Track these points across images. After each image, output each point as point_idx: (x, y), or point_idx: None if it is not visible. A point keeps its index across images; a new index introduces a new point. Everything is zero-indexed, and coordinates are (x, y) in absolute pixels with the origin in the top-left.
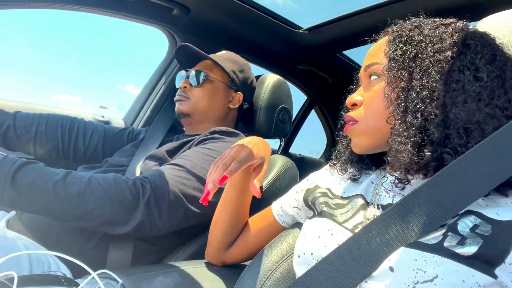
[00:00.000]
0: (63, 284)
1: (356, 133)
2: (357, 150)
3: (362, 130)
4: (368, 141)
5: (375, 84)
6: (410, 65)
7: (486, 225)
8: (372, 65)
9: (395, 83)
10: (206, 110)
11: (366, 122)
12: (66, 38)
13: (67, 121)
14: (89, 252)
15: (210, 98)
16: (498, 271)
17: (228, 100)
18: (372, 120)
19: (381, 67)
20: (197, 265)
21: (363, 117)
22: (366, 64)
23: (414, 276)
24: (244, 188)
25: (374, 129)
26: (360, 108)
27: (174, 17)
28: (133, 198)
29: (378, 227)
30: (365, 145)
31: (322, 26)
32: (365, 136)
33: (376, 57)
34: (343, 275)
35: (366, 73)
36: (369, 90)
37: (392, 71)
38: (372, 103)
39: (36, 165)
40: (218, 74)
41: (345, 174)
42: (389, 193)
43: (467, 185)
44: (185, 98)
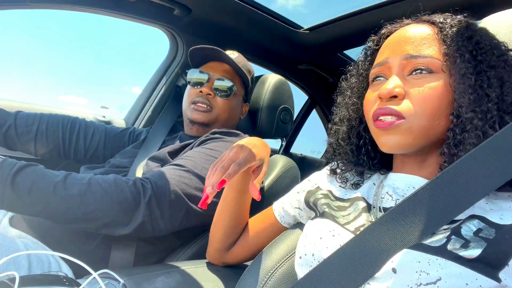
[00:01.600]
0: (65, 284)
1: (401, 131)
2: (390, 149)
3: (409, 128)
4: (411, 141)
5: (428, 80)
6: (487, 72)
7: (490, 229)
8: (421, 57)
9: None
10: (224, 122)
11: (417, 120)
12: (74, 40)
13: (68, 121)
14: (92, 252)
15: (232, 111)
16: (502, 274)
17: (241, 112)
18: (424, 120)
19: (438, 64)
20: (198, 265)
21: (413, 113)
22: (408, 53)
23: (417, 278)
24: (243, 189)
25: (424, 129)
26: (406, 103)
27: (175, 17)
28: (134, 198)
29: (381, 229)
30: (405, 145)
31: (323, 25)
32: (410, 136)
33: (424, 48)
34: (346, 277)
35: (407, 63)
36: (417, 84)
37: (471, 76)
38: (427, 101)
39: (36, 167)
40: (239, 85)
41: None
42: (392, 196)
43: (469, 186)
44: (208, 107)
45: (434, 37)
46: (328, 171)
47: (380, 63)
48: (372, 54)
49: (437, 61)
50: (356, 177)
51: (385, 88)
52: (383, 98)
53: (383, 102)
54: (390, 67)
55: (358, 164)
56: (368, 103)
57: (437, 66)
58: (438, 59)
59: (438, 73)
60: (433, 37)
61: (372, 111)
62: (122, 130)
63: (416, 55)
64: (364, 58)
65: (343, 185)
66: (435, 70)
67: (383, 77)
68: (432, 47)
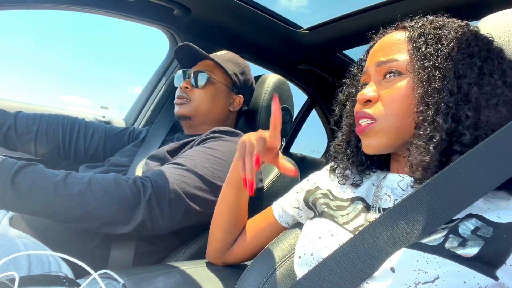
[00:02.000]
0: (65, 284)
1: (374, 132)
2: (371, 151)
3: (381, 129)
4: (386, 141)
5: (395, 82)
6: (444, 65)
7: (488, 227)
8: (390, 61)
9: (426, 83)
10: (207, 113)
11: (386, 121)
12: (78, 41)
13: (68, 121)
14: (91, 252)
15: (212, 100)
16: (499, 272)
17: (229, 103)
18: (394, 119)
19: (404, 65)
20: (198, 265)
21: (383, 115)
22: (379, 60)
23: (416, 276)
24: (241, 186)
25: (395, 128)
26: (378, 106)
27: (175, 17)
28: (134, 197)
29: (379, 228)
30: (382, 146)
31: (322, 25)
32: (384, 136)
33: (393, 53)
34: (344, 276)
35: (380, 69)
36: (387, 87)
37: (425, 70)
38: (394, 102)
39: (36, 167)
40: (220, 75)
41: (346, 181)
42: (390, 196)
43: (467, 186)
44: (186, 100)
45: (404, 41)
46: (328, 170)
47: (363, 72)
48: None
49: (404, 63)
50: (356, 176)
51: (361, 93)
52: (360, 103)
53: (360, 107)
54: (369, 75)
55: (358, 162)
56: (356, 107)
57: (403, 67)
58: (405, 61)
59: (405, 74)
60: (403, 41)
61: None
62: (121, 129)
63: (385, 60)
64: (357, 67)
65: (343, 182)
66: (403, 71)
67: (367, 84)
68: (401, 50)
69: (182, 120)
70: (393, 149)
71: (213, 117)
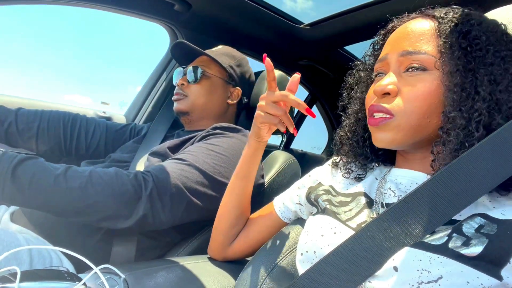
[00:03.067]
0: (66, 279)
1: (390, 128)
2: (382, 145)
3: (398, 126)
4: (401, 138)
5: (420, 77)
6: (478, 68)
7: (492, 224)
8: (417, 53)
9: (459, 86)
10: (204, 107)
11: (405, 118)
12: (80, 39)
13: (69, 118)
14: (93, 247)
15: (208, 94)
16: (504, 272)
17: (227, 96)
18: (413, 118)
19: (432, 61)
20: (199, 260)
21: (402, 111)
22: (405, 49)
23: (419, 276)
24: (248, 175)
25: (412, 127)
26: (397, 100)
27: (175, 13)
28: (135, 191)
29: (382, 226)
30: (396, 142)
31: (323, 21)
32: (399, 133)
33: (421, 44)
34: (346, 274)
35: (404, 60)
36: (410, 82)
37: (457, 72)
38: (417, 100)
39: (37, 160)
40: (215, 69)
41: (350, 175)
42: (395, 192)
43: (471, 182)
44: (183, 95)
45: (433, 33)
46: (330, 166)
47: (381, 59)
48: (379, 48)
49: (432, 58)
50: (359, 170)
51: (379, 85)
52: (377, 95)
53: (377, 99)
54: (388, 64)
55: (362, 155)
56: (368, 98)
57: (431, 64)
58: (433, 56)
59: (432, 71)
60: (432, 33)
61: (368, 107)
62: (123, 126)
63: (412, 50)
64: (371, 52)
65: (347, 175)
66: (429, 68)
67: (383, 73)
68: (429, 43)
69: (181, 115)
70: (405, 147)
71: (211, 111)
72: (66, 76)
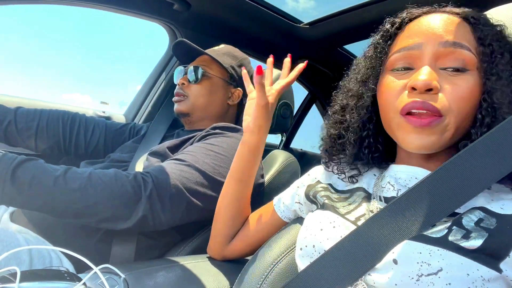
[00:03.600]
0: (66, 279)
1: (437, 130)
2: (421, 150)
3: (445, 127)
4: (444, 141)
5: (464, 77)
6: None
7: (491, 218)
8: (461, 47)
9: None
10: (205, 107)
11: (453, 119)
12: (80, 38)
13: (68, 117)
14: (93, 247)
15: (209, 95)
16: (503, 265)
17: (228, 97)
18: (460, 119)
19: (474, 61)
20: (199, 260)
21: (450, 112)
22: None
23: (419, 268)
24: (243, 179)
25: (458, 128)
26: (443, 99)
27: (175, 12)
28: (135, 192)
29: (382, 220)
30: (437, 145)
31: (323, 20)
32: (444, 135)
33: (464, 39)
34: (346, 267)
35: (445, 51)
36: (452, 79)
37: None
38: (462, 100)
39: (36, 162)
40: (216, 70)
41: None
42: (394, 186)
43: (471, 177)
44: (184, 96)
45: (468, 32)
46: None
47: (408, 48)
48: (390, 38)
49: (474, 58)
50: (352, 171)
51: (421, 79)
52: (418, 90)
53: (417, 94)
54: (422, 54)
55: (358, 157)
56: (392, 92)
57: (472, 63)
58: (475, 55)
59: (472, 71)
60: (467, 32)
61: (401, 104)
62: (122, 125)
63: (458, 42)
64: (383, 41)
65: (341, 176)
66: (470, 67)
67: (407, 66)
68: (468, 41)
69: (181, 117)
70: (437, 150)
71: (211, 111)
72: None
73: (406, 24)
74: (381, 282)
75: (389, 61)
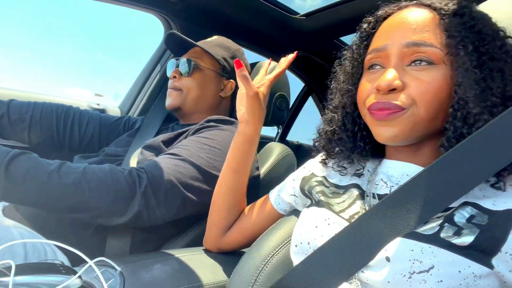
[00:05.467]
0: (61, 272)
1: (399, 121)
2: (386, 141)
3: (407, 120)
4: (409, 133)
5: (429, 72)
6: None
7: (483, 215)
8: (425, 45)
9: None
10: (197, 100)
11: (416, 112)
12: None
13: (62, 110)
14: (87, 240)
15: (201, 87)
16: (494, 261)
17: (220, 89)
18: (423, 112)
19: (441, 55)
20: (195, 252)
21: (413, 105)
22: (410, 40)
23: (411, 266)
24: (239, 169)
25: (422, 121)
26: (405, 95)
27: (169, 3)
28: (130, 188)
29: (375, 217)
30: (403, 137)
31: (319, 11)
32: (407, 127)
33: (428, 35)
34: (340, 264)
35: (408, 51)
36: (418, 77)
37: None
38: (427, 94)
39: (30, 155)
40: (208, 61)
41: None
42: (387, 183)
43: (464, 173)
44: (176, 89)
45: (436, 25)
46: (320, 159)
47: (377, 49)
48: (368, 37)
49: (439, 52)
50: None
51: (384, 80)
52: (382, 91)
53: (381, 95)
54: (388, 55)
55: (355, 150)
56: (364, 92)
57: (438, 57)
58: (440, 49)
59: (439, 65)
60: (435, 25)
61: (368, 103)
62: (117, 118)
63: (419, 42)
64: (359, 42)
65: (343, 172)
66: (436, 62)
67: (380, 65)
68: (435, 35)
69: (174, 111)
70: (407, 142)
71: (204, 104)
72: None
73: (381, 22)
74: (374, 279)
75: (365, 61)
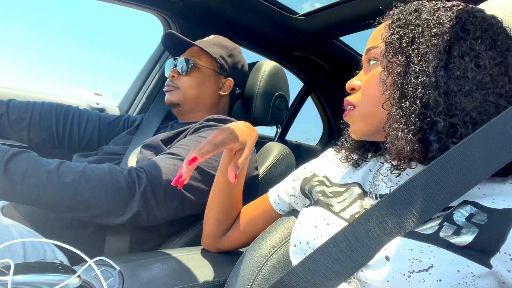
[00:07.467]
0: (60, 271)
1: (353, 118)
2: (354, 136)
3: (359, 115)
4: (364, 127)
5: (373, 69)
6: (407, 49)
7: (482, 214)
8: (372, 49)
9: (391, 68)
10: (195, 99)
11: (362, 108)
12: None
13: (61, 109)
14: (87, 239)
15: (199, 86)
16: (493, 260)
17: (218, 87)
18: (368, 106)
19: (379, 52)
20: (194, 251)
21: (360, 102)
22: (366, 48)
23: (410, 265)
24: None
25: (370, 114)
26: (358, 93)
27: (169, 3)
28: (129, 188)
29: (374, 216)
30: (362, 131)
31: (318, 11)
32: (361, 122)
33: (376, 41)
34: (339, 264)
35: (366, 57)
36: (367, 74)
37: (388, 56)
38: (368, 88)
39: (30, 154)
40: (206, 60)
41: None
42: (387, 183)
43: (463, 173)
44: (174, 87)
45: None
46: (324, 158)
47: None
48: None
49: (379, 50)
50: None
51: (348, 82)
52: (347, 91)
53: (350, 95)
54: (363, 63)
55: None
56: None
57: (379, 54)
58: (380, 47)
59: (380, 60)
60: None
61: None
62: (116, 117)
63: (369, 47)
64: None
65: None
66: (379, 59)
67: None
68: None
69: (172, 107)
70: (376, 136)
71: (203, 102)
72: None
73: None
74: (373, 278)
75: None
